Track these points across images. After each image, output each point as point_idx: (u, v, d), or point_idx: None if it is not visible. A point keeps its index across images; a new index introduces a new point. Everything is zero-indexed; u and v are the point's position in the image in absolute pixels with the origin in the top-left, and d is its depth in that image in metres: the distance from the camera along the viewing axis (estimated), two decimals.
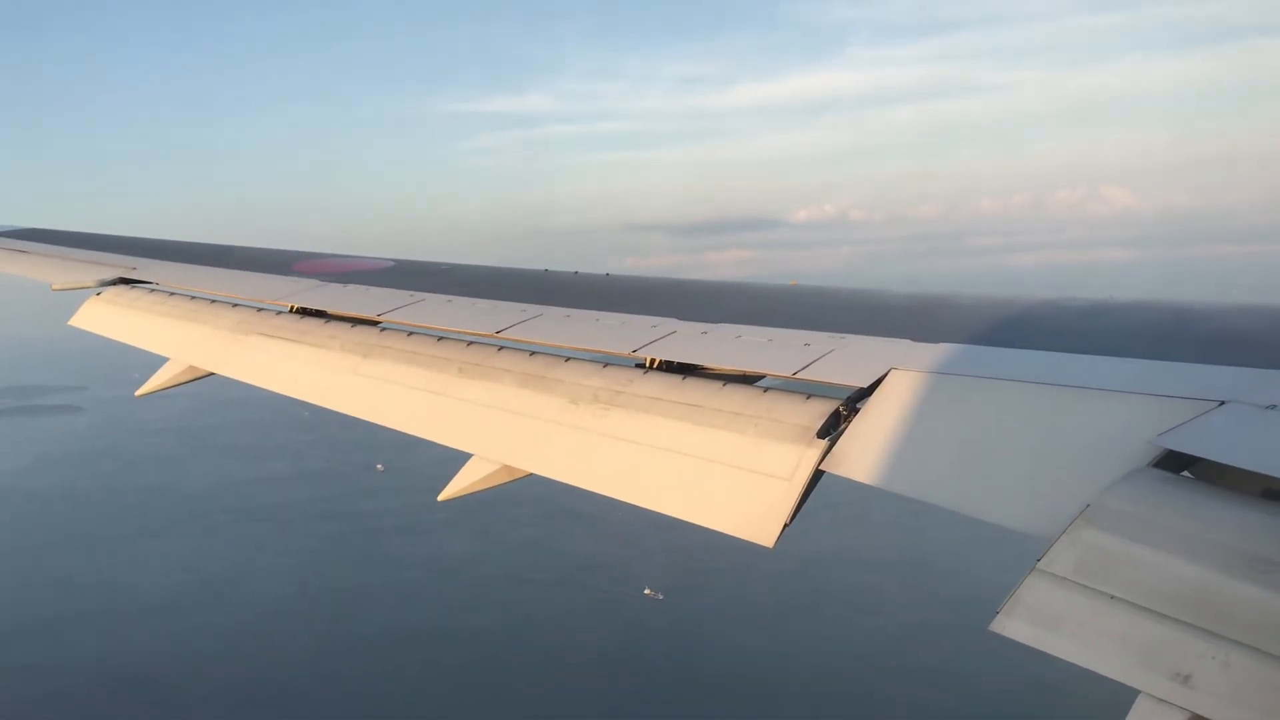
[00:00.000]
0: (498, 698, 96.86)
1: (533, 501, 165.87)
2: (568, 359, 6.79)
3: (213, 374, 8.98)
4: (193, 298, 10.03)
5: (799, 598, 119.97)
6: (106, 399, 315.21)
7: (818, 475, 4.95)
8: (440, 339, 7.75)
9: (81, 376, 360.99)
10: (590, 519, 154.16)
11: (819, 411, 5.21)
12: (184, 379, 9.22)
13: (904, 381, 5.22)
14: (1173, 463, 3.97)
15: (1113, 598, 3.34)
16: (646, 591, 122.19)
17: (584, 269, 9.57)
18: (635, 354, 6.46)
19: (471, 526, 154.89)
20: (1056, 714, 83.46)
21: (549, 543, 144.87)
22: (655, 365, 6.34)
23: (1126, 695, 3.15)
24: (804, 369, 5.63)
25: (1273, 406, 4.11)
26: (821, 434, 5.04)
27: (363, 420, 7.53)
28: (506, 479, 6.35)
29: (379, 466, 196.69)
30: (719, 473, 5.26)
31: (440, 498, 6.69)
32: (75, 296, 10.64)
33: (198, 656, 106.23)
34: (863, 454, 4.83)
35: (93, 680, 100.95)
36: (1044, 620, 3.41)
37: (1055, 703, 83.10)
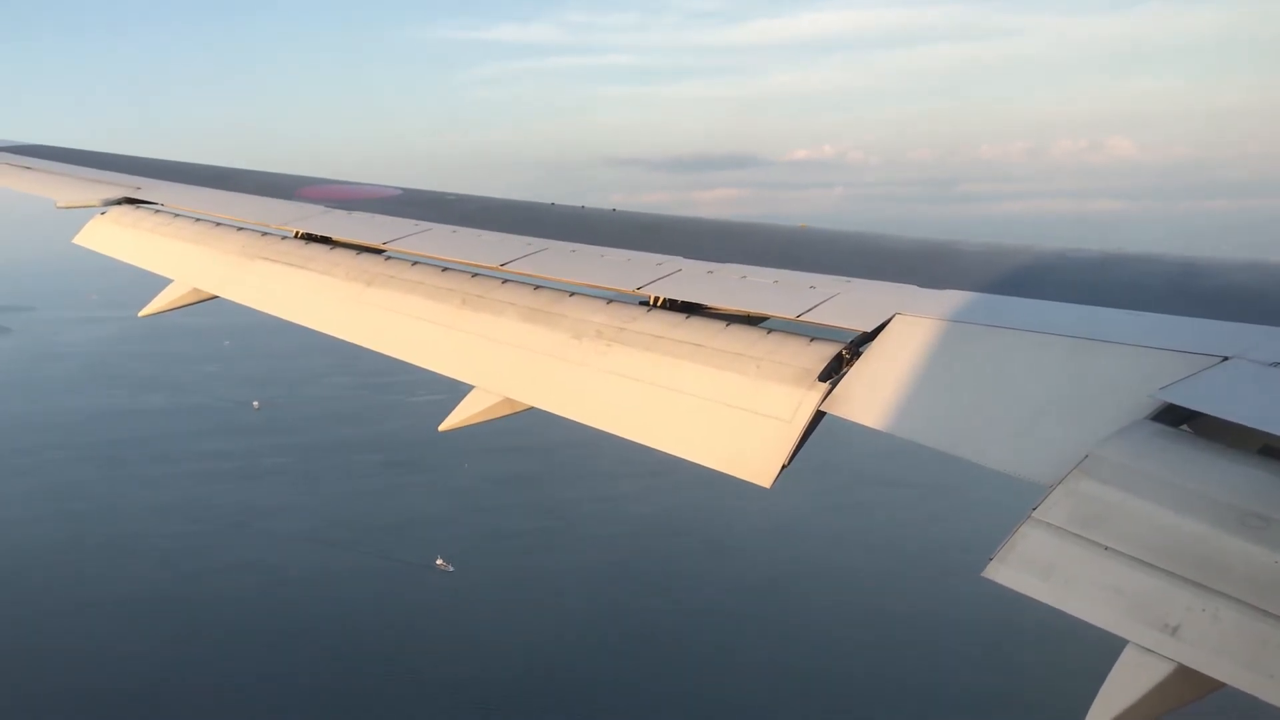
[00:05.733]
0: (201, 664, 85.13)
1: (388, 447, 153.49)
2: (572, 294, 6.67)
3: (216, 297, 8.93)
4: (197, 220, 9.93)
5: (594, 575, 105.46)
6: (45, 321, 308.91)
7: (818, 417, 4.90)
8: (445, 269, 7.61)
9: (35, 298, 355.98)
10: (434, 471, 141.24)
11: (822, 354, 5.16)
12: (188, 301, 9.16)
13: (908, 327, 5.17)
14: (1173, 416, 3.91)
15: (1106, 548, 3.35)
16: (438, 561, 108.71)
17: (566, 204, 9.59)
18: (640, 291, 6.34)
19: (307, 472, 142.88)
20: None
21: (374, 497, 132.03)
22: (659, 303, 6.24)
23: (1115, 644, 3.17)
24: (808, 312, 5.57)
25: (1276, 364, 4.03)
26: (823, 377, 5.01)
27: (356, 349, 7.52)
28: (507, 412, 6.31)
29: (255, 404, 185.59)
30: (719, 412, 5.23)
31: (441, 428, 6.61)
32: (76, 214, 10.54)
33: None
34: (864, 397, 4.80)
35: None
36: (1036, 568, 3.43)
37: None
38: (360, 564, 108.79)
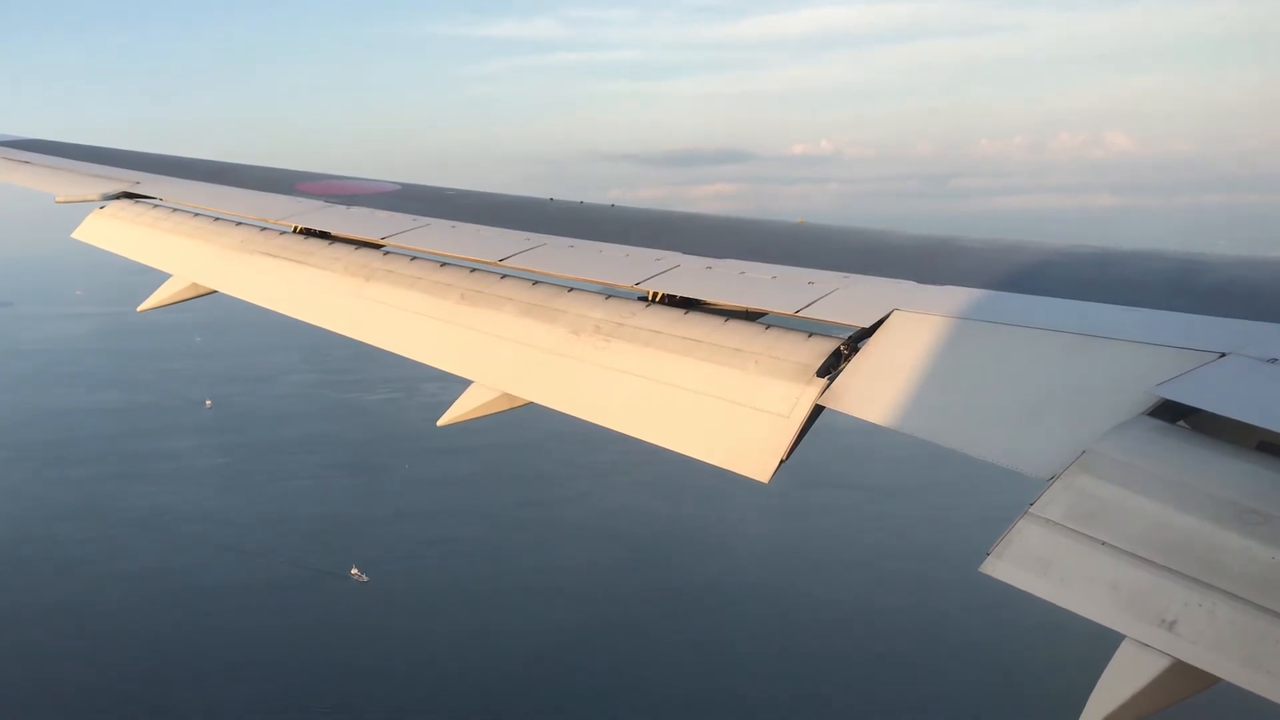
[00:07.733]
0: (84, 673, 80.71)
1: (331, 448, 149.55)
2: (570, 289, 6.69)
3: (214, 292, 8.92)
4: (196, 215, 9.96)
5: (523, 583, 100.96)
6: (19, 316, 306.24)
7: (816, 412, 4.95)
8: (443, 265, 7.61)
9: (16, 293, 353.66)
10: (373, 473, 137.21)
11: (820, 350, 5.19)
12: (186, 296, 9.15)
13: (906, 323, 5.19)
14: (1170, 412, 3.94)
15: (1103, 544, 3.39)
16: (353, 571, 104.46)
17: (562, 198, 9.61)
18: (638, 286, 6.38)
19: (241, 473, 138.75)
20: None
21: (305, 501, 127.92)
22: (658, 299, 6.25)
23: (1111, 639, 3.19)
24: (806, 307, 5.59)
25: (1273, 360, 4.06)
26: (821, 372, 5.02)
27: (360, 345, 7.40)
28: (506, 407, 6.33)
29: (207, 403, 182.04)
30: (718, 408, 5.25)
31: (440, 423, 6.57)
32: (75, 209, 10.55)
33: None
34: (861, 392, 4.84)
35: None
36: (1034, 564, 3.46)
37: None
38: (271, 572, 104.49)
